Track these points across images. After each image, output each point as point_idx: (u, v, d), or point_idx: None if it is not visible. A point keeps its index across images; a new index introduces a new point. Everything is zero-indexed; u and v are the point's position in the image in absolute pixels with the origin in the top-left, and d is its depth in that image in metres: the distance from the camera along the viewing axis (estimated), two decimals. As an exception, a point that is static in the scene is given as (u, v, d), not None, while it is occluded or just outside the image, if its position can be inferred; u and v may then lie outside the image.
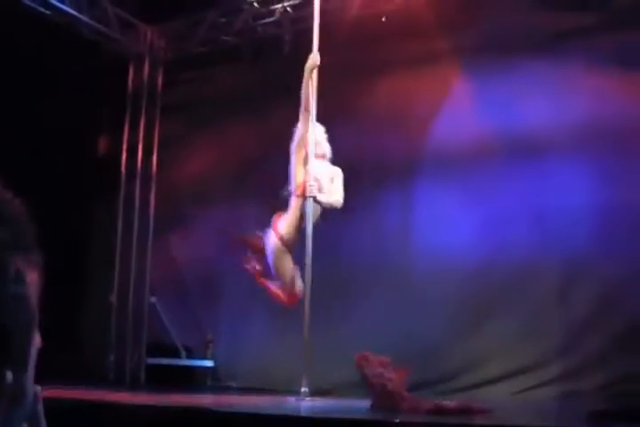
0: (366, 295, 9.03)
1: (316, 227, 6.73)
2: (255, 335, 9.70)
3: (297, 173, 6.71)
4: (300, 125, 6.79)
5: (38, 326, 1.00)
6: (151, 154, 10.62)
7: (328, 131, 7.11)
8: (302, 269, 6.75)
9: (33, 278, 0.98)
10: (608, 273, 7.94)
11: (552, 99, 8.61)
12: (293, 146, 6.82)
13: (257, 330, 9.71)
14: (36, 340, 0.99)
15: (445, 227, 8.87)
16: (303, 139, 6.73)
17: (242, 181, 10.09)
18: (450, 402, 5.67)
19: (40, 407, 1.00)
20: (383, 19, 9.36)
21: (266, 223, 6.91)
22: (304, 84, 6.89)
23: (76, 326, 10.68)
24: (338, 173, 6.98)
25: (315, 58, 6.86)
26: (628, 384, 7.50)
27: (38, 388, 1.00)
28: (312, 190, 6.62)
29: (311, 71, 6.88)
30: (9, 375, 0.93)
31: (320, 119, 6.98)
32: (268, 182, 8.05)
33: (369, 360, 6.01)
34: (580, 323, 8.05)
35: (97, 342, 10.47)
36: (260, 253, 6.80)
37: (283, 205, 6.93)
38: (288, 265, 6.74)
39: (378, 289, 8.99)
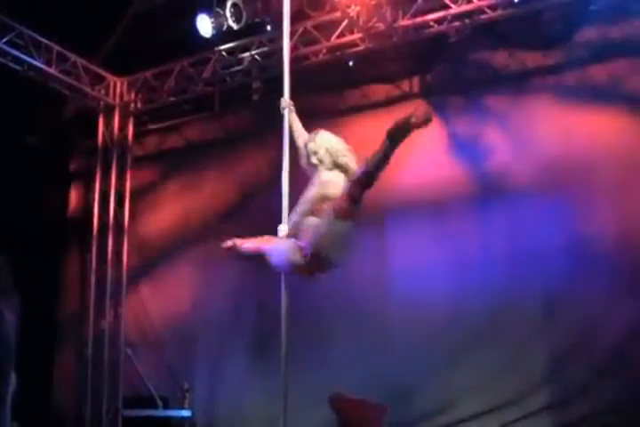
0: (342, 338, 8.96)
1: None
2: (231, 383, 9.61)
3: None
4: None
5: (15, 368, 1.01)
6: (123, 205, 10.57)
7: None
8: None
9: (11, 319, 1.00)
10: (584, 305, 7.95)
11: (518, 138, 8.70)
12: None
13: (233, 378, 9.62)
14: (13, 379, 1.00)
15: (418, 269, 8.82)
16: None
17: (214, 230, 9.88)
18: None
19: None
20: (350, 63, 9.48)
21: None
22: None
23: (51, 378, 10.54)
24: None
25: (285, 101, 6.22)
26: (613, 413, 7.49)
27: (15, 425, 1.00)
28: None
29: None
30: None
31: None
32: (241, 231, 7.94)
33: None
34: (559, 355, 8.03)
35: (72, 394, 10.32)
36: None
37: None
38: None
39: (353, 332, 8.91)
